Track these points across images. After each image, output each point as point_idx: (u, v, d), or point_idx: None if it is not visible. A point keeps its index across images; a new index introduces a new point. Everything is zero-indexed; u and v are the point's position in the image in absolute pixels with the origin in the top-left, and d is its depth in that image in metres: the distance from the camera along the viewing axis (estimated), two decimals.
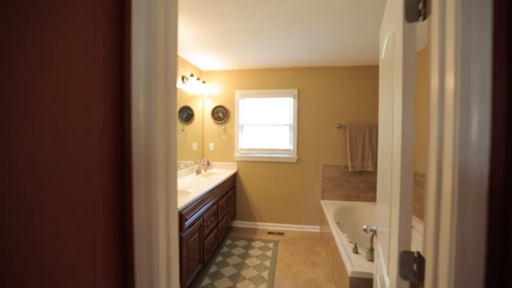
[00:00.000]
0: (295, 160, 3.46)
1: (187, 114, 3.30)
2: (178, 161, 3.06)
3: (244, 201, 3.64)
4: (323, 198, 3.43)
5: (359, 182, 3.35)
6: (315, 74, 3.40)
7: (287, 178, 3.51)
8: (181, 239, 1.90)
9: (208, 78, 3.67)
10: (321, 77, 3.39)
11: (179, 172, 2.97)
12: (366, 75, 3.30)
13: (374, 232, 1.22)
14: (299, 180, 3.49)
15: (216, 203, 2.72)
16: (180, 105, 3.14)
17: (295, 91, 3.44)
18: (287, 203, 3.53)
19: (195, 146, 3.51)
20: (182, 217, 1.89)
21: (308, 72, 3.42)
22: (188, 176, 3.11)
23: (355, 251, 1.89)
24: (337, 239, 2.19)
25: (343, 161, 3.37)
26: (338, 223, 2.61)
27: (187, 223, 1.99)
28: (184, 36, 2.42)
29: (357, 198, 3.36)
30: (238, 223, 3.67)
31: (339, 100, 3.37)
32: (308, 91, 3.43)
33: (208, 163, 3.61)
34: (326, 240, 2.86)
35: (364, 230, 1.23)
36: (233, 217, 3.52)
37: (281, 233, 3.40)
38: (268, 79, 3.51)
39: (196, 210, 2.17)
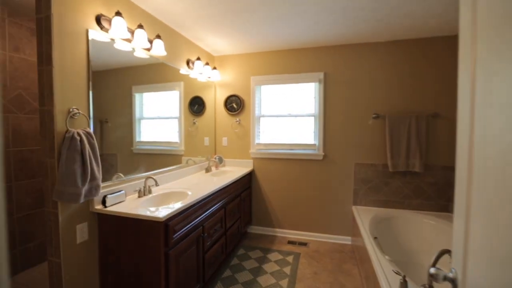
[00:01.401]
0: (321, 157, 2.91)
1: (198, 106, 2.92)
2: (187, 158, 2.69)
3: (260, 204, 3.18)
4: (355, 203, 2.84)
5: (402, 185, 2.70)
6: (346, 53, 2.80)
7: (311, 179, 2.97)
8: (166, 256, 1.49)
9: (220, 64, 3.25)
10: (353, 56, 2.79)
11: (186, 170, 2.60)
12: (416, 50, 2.62)
13: (453, 284, 0.67)
14: (326, 181, 2.93)
15: (223, 207, 2.29)
16: (190, 95, 2.77)
17: (321, 75, 2.88)
18: (311, 207, 3.00)
19: (206, 141, 3.13)
20: (168, 228, 1.49)
21: (338, 51, 2.83)
22: (195, 175, 2.73)
23: (404, 287, 1.33)
24: (375, 265, 1.63)
25: (381, 159, 2.74)
26: (376, 238, 2.03)
27: (177, 235, 1.58)
28: (185, 7, 2.00)
29: (399, 205, 2.71)
30: (254, 229, 3.22)
31: (377, 84, 2.74)
32: (337, 74, 2.85)
33: (221, 160, 3.21)
34: (360, 258, 2.29)
35: (432, 276, 0.70)
36: (249, 222, 3.08)
37: (304, 244, 2.88)
38: (288, 62, 2.99)
39: (192, 218, 1.76)
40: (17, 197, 2.18)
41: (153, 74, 2.21)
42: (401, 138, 2.58)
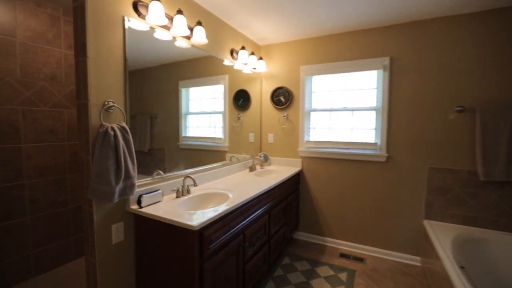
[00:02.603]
0: (384, 159, 2.44)
1: (243, 100, 2.73)
2: (231, 155, 2.53)
3: (309, 209, 2.85)
4: (428, 217, 2.31)
5: (498, 199, 2.08)
6: (420, 32, 2.27)
7: (371, 183, 2.53)
8: (201, 268, 1.31)
9: (266, 53, 2.99)
10: (430, 35, 2.24)
11: (229, 168, 2.43)
12: None
13: None
14: (389, 187, 2.45)
15: (268, 212, 2.05)
16: (234, 88, 2.59)
17: (386, 60, 2.39)
18: (369, 217, 2.56)
19: (251, 137, 2.93)
20: (203, 238, 1.30)
21: (408, 30, 2.31)
22: (238, 174, 2.54)
23: None
24: None
25: (466, 164, 2.16)
26: (463, 267, 1.55)
27: (214, 245, 1.39)
28: None
29: (492, 224, 2.10)
30: (301, 235, 2.92)
31: (462, 69, 2.15)
32: (406, 58, 2.33)
33: (266, 158, 2.97)
34: (436, 286, 1.81)
35: None
36: (295, 227, 2.79)
37: (359, 259, 2.47)
38: (344, 48, 2.57)
39: (232, 226, 1.55)
40: (71, 188, 2.29)
41: (198, 68, 2.10)
42: (499, 138, 1.97)
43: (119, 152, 1.32)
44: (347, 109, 2.64)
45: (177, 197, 1.69)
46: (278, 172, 2.70)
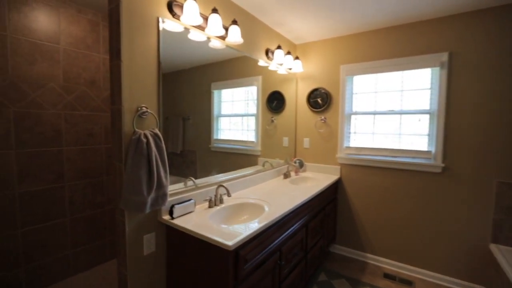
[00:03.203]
0: (439, 170, 2.13)
1: (277, 102, 2.58)
2: (263, 160, 2.40)
3: (348, 221, 2.61)
4: (496, 241, 1.96)
5: None
6: (489, 21, 1.93)
7: (422, 196, 2.23)
8: None
9: (303, 53, 2.81)
10: (501, 25, 1.89)
11: (262, 175, 2.30)
12: None
13: None
14: (445, 202, 2.14)
15: (305, 225, 1.88)
16: (268, 90, 2.46)
17: (443, 56, 2.08)
18: (420, 235, 2.26)
19: (285, 141, 2.77)
20: (238, 258, 1.18)
21: (473, 20, 1.98)
22: (272, 181, 2.40)
23: None
24: None
25: None
26: None
27: (249, 265, 1.26)
28: None
29: None
30: (338, 249, 2.69)
31: None
32: (469, 53, 2.00)
33: (301, 164, 2.79)
34: None
35: None
36: (332, 239, 2.57)
37: (408, 282, 2.19)
38: (391, 44, 2.30)
39: (268, 243, 1.41)
40: (108, 190, 2.32)
41: (231, 69, 2.02)
42: None
43: (151, 161, 1.25)
44: (394, 112, 2.36)
45: (210, 207, 1.60)
46: (315, 180, 2.51)
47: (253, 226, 1.31)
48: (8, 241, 1.78)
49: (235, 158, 2.14)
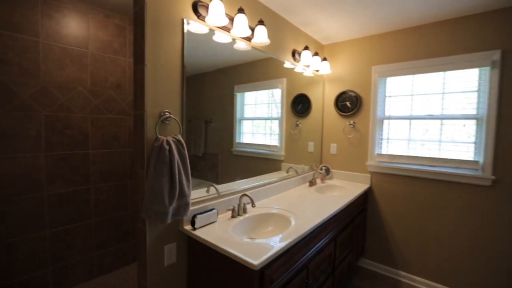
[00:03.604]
0: (488, 182, 1.89)
1: (302, 105, 2.46)
2: (288, 165, 2.29)
3: (379, 234, 2.41)
4: None
5: None
6: None
7: (468, 212, 1.99)
8: None
9: (331, 54, 2.66)
10: None
11: (287, 182, 2.18)
12: None
13: None
14: (496, 219, 1.89)
15: (333, 239, 1.74)
16: (293, 93, 2.35)
17: (495, 55, 1.85)
18: (465, 255, 2.02)
19: (311, 146, 2.64)
20: (263, 278, 1.07)
21: None
22: (297, 188, 2.28)
23: None
24: None
25: None
26: None
27: (274, 285, 1.15)
28: None
29: None
30: (366, 264, 2.49)
31: None
32: None
33: (327, 171, 2.63)
34: None
35: None
36: (361, 253, 2.39)
37: None
38: (431, 41, 2.09)
39: (295, 260, 1.30)
40: (131, 193, 2.33)
41: (255, 72, 1.94)
42: None
43: (173, 169, 1.19)
44: (433, 117, 2.14)
45: (233, 216, 1.52)
46: (342, 188, 2.35)
47: (277, 241, 1.20)
48: (37, 241, 1.82)
49: (258, 162, 2.06)
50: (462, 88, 2.02)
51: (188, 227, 1.35)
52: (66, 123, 1.92)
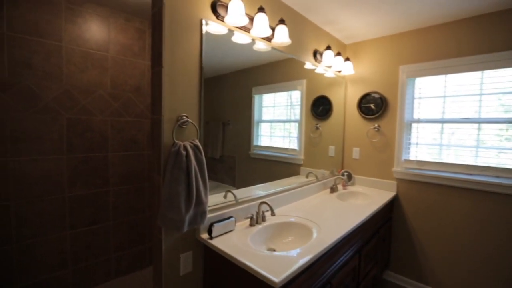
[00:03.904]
0: None
1: (322, 107, 2.36)
2: (307, 169, 2.19)
3: (405, 246, 2.25)
4: None
5: None
6: None
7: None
8: None
9: (354, 53, 2.54)
10: None
11: (307, 189, 2.09)
12: None
13: None
14: None
15: (358, 251, 1.62)
16: (313, 94, 2.26)
17: None
18: (505, 275, 1.82)
19: (332, 150, 2.52)
20: None
21: None
22: (317, 195, 2.17)
23: None
24: None
25: None
26: None
27: None
28: None
29: None
30: (391, 277, 2.33)
31: None
32: None
33: (350, 177, 2.50)
34: None
35: None
36: (386, 266, 2.24)
37: None
38: (467, 38, 1.92)
39: (318, 275, 1.21)
40: (149, 196, 2.32)
41: (273, 73, 1.88)
42: None
43: (190, 175, 1.14)
44: (469, 121, 1.97)
45: (251, 225, 1.45)
46: (366, 196, 2.21)
47: (299, 254, 1.11)
48: (58, 242, 1.84)
49: (276, 166, 1.99)
50: (505, 89, 1.84)
51: (205, 235, 1.29)
52: (87, 126, 1.94)
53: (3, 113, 1.60)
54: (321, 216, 1.62)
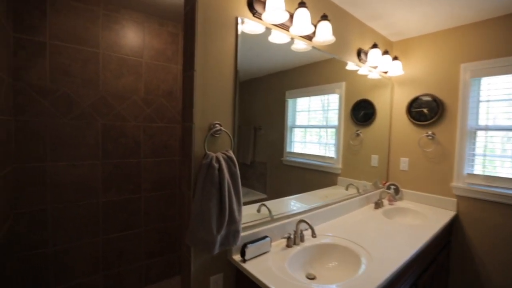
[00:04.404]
0: None
1: (364, 112, 2.13)
2: (345, 180, 1.98)
3: (468, 276, 1.90)
4: None
5: None
6: None
7: None
8: None
9: (402, 52, 2.26)
10: None
11: (348, 203, 1.87)
12: None
13: None
14: None
15: (414, 283, 1.38)
16: (353, 98, 2.04)
17: None
18: None
19: (374, 160, 2.26)
20: None
21: None
22: (360, 211, 1.94)
23: None
24: None
25: None
26: None
27: None
28: None
29: None
30: None
31: None
32: None
33: (397, 191, 2.22)
34: None
35: None
36: None
37: None
38: None
39: None
40: (179, 203, 2.27)
41: (309, 76, 1.72)
42: None
43: (223, 190, 1.01)
44: None
45: (288, 246, 1.28)
46: (418, 213, 1.93)
47: None
48: (91, 247, 1.84)
49: (311, 174, 1.81)
50: None
51: (237, 257, 1.16)
52: (120, 132, 1.94)
53: (44, 120, 1.64)
54: (368, 238, 1.40)
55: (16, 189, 1.56)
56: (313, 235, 1.23)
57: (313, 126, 1.86)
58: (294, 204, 1.59)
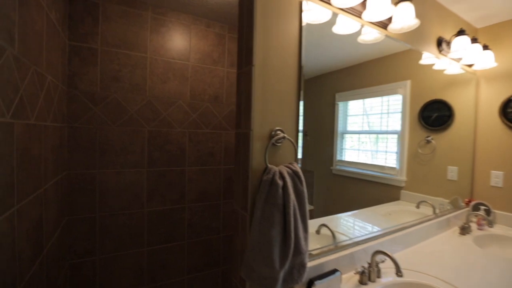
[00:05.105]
0: None
1: (437, 114, 1.76)
2: (410, 194, 1.65)
3: None
4: None
5: None
6: None
7: None
8: None
9: (491, 40, 1.84)
10: None
11: (425, 227, 1.53)
12: None
13: None
14: None
15: None
16: (422, 99, 1.70)
17: None
18: None
19: (452, 172, 1.86)
20: None
21: None
22: (441, 237, 1.58)
23: None
24: None
25: None
26: None
27: None
28: None
29: None
30: None
31: None
32: None
33: (488, 213, 1.79)
34: None
35: None
36: None
37: None
38: None
39: None
40: (224, 215, 2.12)
41: (364, 76, 1.45)
42: None
43: (288, 215, 0.80)
44: None
45: (362, 282, 1.02)
46: None
47: None
48: (136, 258, 1.78)
49: (366, 187, 1.52)
50: None
51: None
52: (166, 138, 1.86)
53: (94, 126, 1.62)
54: (467, 279, 1.07)
55: (67, 196, 1.55)
56: (399, 273, 0.95)
57: (368, 132, 1.57)
58: (356, 223, 1.33)
